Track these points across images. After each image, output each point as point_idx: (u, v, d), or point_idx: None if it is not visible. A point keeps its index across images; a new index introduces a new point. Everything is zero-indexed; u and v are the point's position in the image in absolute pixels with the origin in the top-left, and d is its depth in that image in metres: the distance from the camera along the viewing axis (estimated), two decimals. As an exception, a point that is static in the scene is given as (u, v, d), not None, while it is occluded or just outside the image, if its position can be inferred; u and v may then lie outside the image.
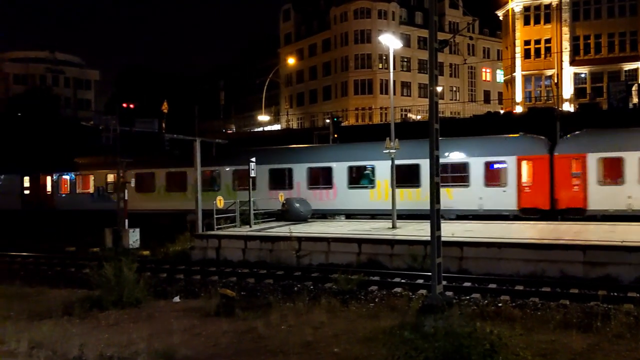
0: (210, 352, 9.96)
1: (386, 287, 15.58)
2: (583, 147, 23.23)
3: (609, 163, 22.67)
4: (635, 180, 21.94)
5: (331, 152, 29.40)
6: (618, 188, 22.25)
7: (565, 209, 23.28)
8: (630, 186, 21.98)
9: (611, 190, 22.26)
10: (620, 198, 21.99)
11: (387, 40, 23.44)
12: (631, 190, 21.91)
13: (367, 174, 27.05)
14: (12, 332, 11.03)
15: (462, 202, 23.37)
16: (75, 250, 25.43)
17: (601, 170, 22.70)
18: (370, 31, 71.37)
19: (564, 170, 23.31)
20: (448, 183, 24.57)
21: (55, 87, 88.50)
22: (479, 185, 24.26)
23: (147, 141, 27.49)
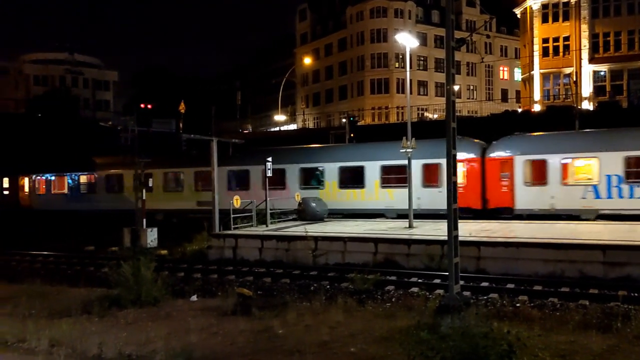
0: (227, 351, 10.01)
1: (403, 286, 15.53)
2: (511, 150, 24.32)
3: (533, 165, 23.77)
4: (557, 182, 23.10)
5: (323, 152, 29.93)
6: (542, 189, 23.35)
7: (495, 208, 24.30)
8: (553, 187, 23.15)
9: (536, 190, 23.38)
10: (544, 198, 23.05)
11: (404, 39, 23.35)
12: (554, 191, 23.04)
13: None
14: (33, 330, 11.19)
15: (403, 202, 23.90)
16: (94, 250, 25.70)
17: (527, 172, 23.76)
18: (387, 30, 71.14)
19: (494, 172, 24.42)
20: (390, 184, 26.03)
21: (75, 88, 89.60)
22: (417, 185, 24.98)
23: (165, 141, 27.73)
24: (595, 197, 22.46)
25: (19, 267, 21.82)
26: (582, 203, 22.63)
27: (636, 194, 21.83)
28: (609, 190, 22.20)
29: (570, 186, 23.04)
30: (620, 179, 22.12)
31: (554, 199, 22.98)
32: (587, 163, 23.22)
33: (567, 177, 23.26)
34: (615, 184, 22.20)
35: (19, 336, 10.86)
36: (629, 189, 21.98)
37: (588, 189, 22.68)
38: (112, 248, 24.38)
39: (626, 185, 22.01)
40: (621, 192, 21.81)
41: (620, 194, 21.72)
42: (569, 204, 22.78)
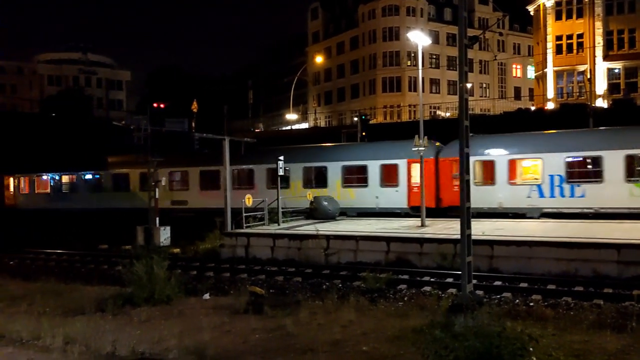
0: (239, 350, 10.03)
1: (415, 285, 15.49)
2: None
3: (483, 166, 24.82)
4: (504, 182, 24.18)
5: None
6: (491, 188, 24.30)
7: (447, 207, 25.16)
8: (501, 187, 24.26)
9: (485, 190, 24.24)
10: (492, 197, 23.91)
11: (416, 37, 23.26)
12: (501, 190, 24.12)
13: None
14: (48, 327, 11.28)
15: (362, 201, 25.37)
16: (107, 248, 25.89)
17: (476, 172, 24.58)
18: (399, 28, 70.90)
19: (446, 172, 25.45)
20: (352, 184, 27.42)
21: (88, 88, 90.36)
22: (376, 185, 26.70)
23: (177, 140, 27.91)
24: (540, 196, 23.35)
25: (34, 266, 22.05)
26: (528, 202, 23.53)
27: (576, 193, 22.79)
28: (552, 189, 23.14)
29: (517, 186, 24.04)
30: (562, 179, 23.08)
31: (501, 198, 23.99)
32: (532, 164, 24.18)
33: (513, 177, 24.26)
34: (558, 184, 23.11)
35: (33, 334, 10.96)
36: (570, 188, 22.96)
37: (533, 188, 23.63)
38: (126, 246, 24.54)
39: (567, 185, 22.99)
40: (563, 191, 22.79)
41: (562, 193, 22.65)
42: (515, 203, 23.64)
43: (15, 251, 24.79)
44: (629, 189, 21.84)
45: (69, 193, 37.86)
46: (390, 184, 26.62)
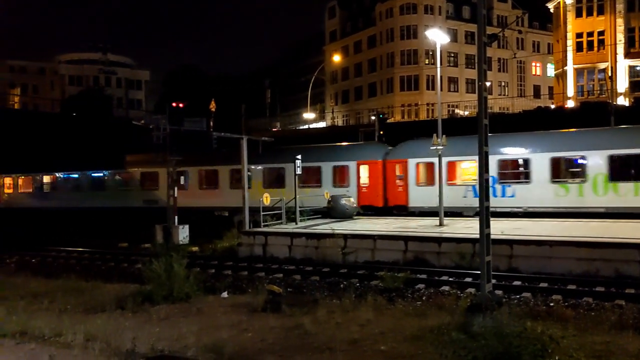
0: (257, 348, 10.06)
1: (433, 285, 15.42)
2: (405, 153, 26.98)
3: (423, 167, 26.43)
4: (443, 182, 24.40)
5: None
6: (431, 188, 25.09)
7: (393, 206, 26.86)
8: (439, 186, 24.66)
9: (426, 190, 25.78)
10: (433, 197, 24.09)
11: (434, 35, 23.13)
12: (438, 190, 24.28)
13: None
14: (69, 324, 11.43)
15: (316, 201, 26.20)
16: (127, 246, 26.16)
17: (418, 174, 26.52)
18: (417, 27, 70.59)
19: (392, 174, 27.17)
20: (307, 184, 28.43)
21: (108, 88, 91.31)
22: (328, 186, 28.29)
23: (196, 139, 28.07)
24: (474, 196, 24.03)
25: (55, 264, 22.35)
26: (464, 201, 24.74)
27: (507, 193, 24.17)
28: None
29: (455, 186, 25.21)
30: (494, 180, 23.91)
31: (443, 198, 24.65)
32: (470, 165, 25.14)
33: (452, 178, 25.60)
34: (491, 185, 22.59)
35: (55, 330, 11.10)
36: (502, 188, 24.26)
37: (468, 188, 24.78)
38: (145, 245, 24.76)
39: (499, 185, 24.21)
40: (495, 191, 23.58)
41: (494, 193, 23.19)
42: (453, 202, 24.50)
43: (37, 249, 25.16)
44: (554, 189, 23.07)
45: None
46: (341, 184, 28.13)
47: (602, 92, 46.87)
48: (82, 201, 36.41)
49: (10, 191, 41.25)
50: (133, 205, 33.18)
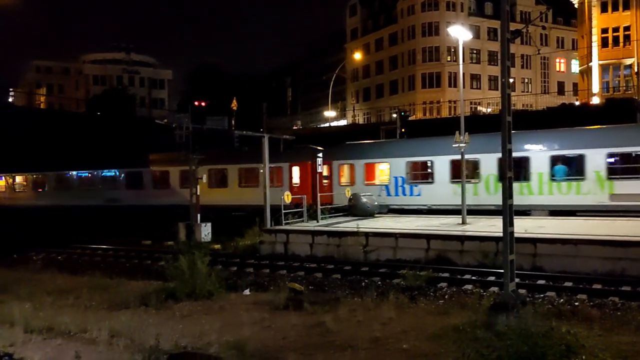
0: (279, 345, 10.10)
1: (456, 284, 15.32)
2: (330, 156, 29.12)
3: (349, 169, 29.09)
4: (362, 182, 28.13)
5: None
6: (352, 188, 27.86)
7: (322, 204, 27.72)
8: (359, 186, 27.92)
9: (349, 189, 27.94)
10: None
11: (456, 32, 22.95)
12: (359, 189, 27.40)
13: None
14: (94, 320, 11.61)
15: (255, 199, 27.63)
16: (151, 244, 26.44)
17: (344, 174, 29.14)
18: (438, 23, 70.12)
19: (320, 175, 28.48)
20: (248, 184, 30.98)
21: (131, 87, 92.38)
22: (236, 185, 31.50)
23: (217, 138, 28.26)
24: (387, 194, 27.19)
25: (80, 261, 22.69)
26: (379, 200, 26.62)
27: (414, 192, 26.63)
28: (396, 189, 26.91)
29: (372, 186, 27.66)
30: (403, 180, 26.83)
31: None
32: (384, 167, 27.96)
33: (370, 178, 28.17)
34: (401, 184, 26.83)
35: (80, 326, 11.28)
36: (410, 188, 26.75)
37: (382, 188, 27.47)
38: (168, 242, 25.00)
39: (407, 185, 26.70)
40: (404, 190, 26.38)
41: (403, 192, 26.14)
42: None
43: (63, 246, 25.57)
44: (453, 189, 24.88)
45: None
46: (277, 184, 29.62)
47: (628, 88, 46.01)
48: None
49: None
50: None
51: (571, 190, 22.75)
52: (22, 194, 41.93)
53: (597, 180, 22.17)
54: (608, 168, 22.03)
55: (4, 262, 22.05)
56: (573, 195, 22.70)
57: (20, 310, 12.66)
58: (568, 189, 22.87)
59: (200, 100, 28.64)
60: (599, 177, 22.11)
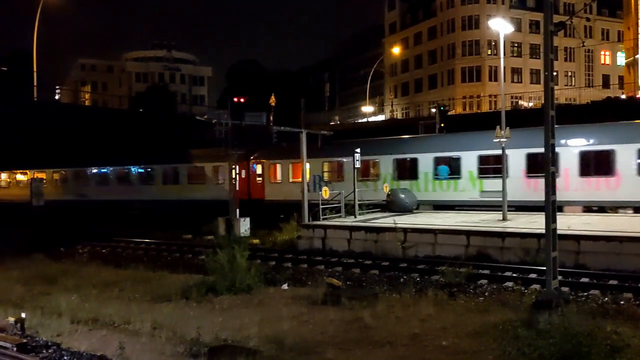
0: (318, 340, 10.16)
1: (496, 281, 15.09)
2: (263, 156, 32.38)
3: (274, 168, 32.36)
4: (287, 180, 31.41)
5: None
6: (280, 185, 31.43)
7: (255, 199, 31.73)
8: (285, 184, 31.21)
9: (276, 185, 32.03)
10: (281, 191, 30.98)
11: (497, 25, 22.55)
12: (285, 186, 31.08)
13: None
14: (137, 312, 11.91)
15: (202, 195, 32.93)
16: (191, 238, 26.89)
17: (271, 173, 32.48)
18: (479, 17, 69.05)
19: (254, 172, 32.77)
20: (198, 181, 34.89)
21: (172, 84, 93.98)
22: (211, 183, 34.39)
23: (255, 133, 28.44)
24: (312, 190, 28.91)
25: (124, 254, 23.24)
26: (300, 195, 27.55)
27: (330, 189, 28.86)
28: (314, 186, 28.86)
29: (294, 183, 29.99)
30: (320, 178, 29.88)
31: (286, 192, 30.55)
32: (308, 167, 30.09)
33: (292, 176, 31.03)
34: (318, 182, 29.56)
35: (124, 318, 11.59)
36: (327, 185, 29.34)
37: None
38: (208, 237, 25.37)
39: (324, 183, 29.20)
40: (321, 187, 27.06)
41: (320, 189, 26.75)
42: (293, 196, 27.89)
43: (107, 240, 26.24)
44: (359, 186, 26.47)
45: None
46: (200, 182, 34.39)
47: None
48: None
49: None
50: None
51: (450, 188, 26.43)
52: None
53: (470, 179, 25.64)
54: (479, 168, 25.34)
55: (52, 255, 22.76)
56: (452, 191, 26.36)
57: (67, 302, 13.10)
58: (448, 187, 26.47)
59: (239, 97, 28.90)
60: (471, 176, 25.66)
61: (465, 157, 25.74)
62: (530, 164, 23.91)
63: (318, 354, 9.35)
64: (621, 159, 22.36)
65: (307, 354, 9.35)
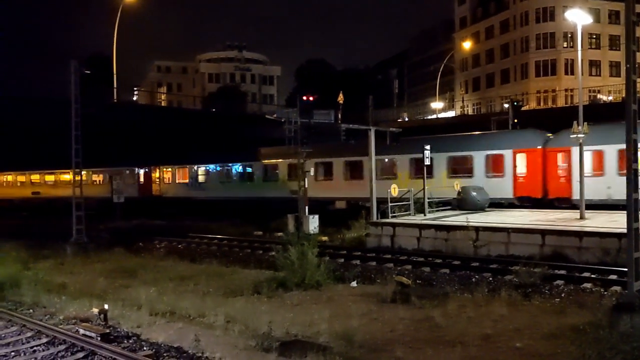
0: (387, 338, 10.14)
1: (573, 282, 14.53)
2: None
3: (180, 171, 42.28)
4: (179, 181, 41.46)
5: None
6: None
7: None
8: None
9: (180, 185, 41.04)
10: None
11: (574, 16, 21.69)
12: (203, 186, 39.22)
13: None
14: (211, 306, 12.28)
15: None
16: (262, 235, 27.43)
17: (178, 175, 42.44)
18: (554, 8, 66.39)
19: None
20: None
21: (243, 84, 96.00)
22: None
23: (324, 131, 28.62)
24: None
25: (198, 249, 24.00)
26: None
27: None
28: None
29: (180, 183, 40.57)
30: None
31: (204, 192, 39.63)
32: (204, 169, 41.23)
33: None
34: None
35: (199, 311, 11.99)
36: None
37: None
38: (278, 234, 25.78)
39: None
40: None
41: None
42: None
43: (183, 236, 27.19)
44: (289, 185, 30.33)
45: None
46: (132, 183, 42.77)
47: None
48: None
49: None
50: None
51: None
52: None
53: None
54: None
55: (132, 249, 23.83)
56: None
57: (146, 295, 13.68)
58: None
59: (308, 95, 29.10)
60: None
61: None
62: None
63: (387, 352, 9.34)
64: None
65: (376, 352, 9.36)
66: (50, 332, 10.49)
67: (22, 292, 14.20)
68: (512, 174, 27.00)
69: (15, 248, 21.37)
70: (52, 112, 29.26)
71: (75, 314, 11.94)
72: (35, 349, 9.88)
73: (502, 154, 27.35)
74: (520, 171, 26.93)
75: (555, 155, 26.05)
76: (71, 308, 12.50)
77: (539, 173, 26.36)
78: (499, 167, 27.55)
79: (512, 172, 26.99)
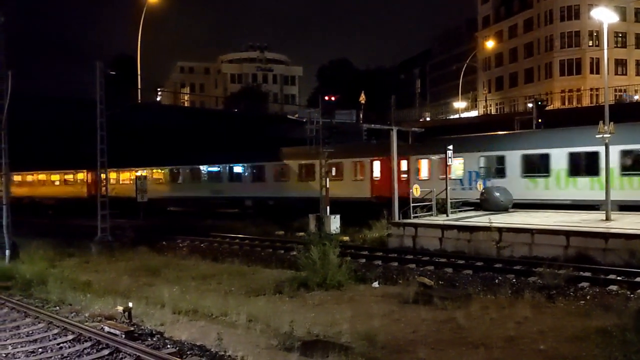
0: (409, 339, 10.12)
1: (599, 284, 14.31)
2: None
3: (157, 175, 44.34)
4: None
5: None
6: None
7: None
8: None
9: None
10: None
11: (600, 14, 21.33)
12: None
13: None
14: (233, 305, 12.37)
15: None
16: (283, 234, 27.51)
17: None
18: (579, 6, 65.47)
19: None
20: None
21: (265, 84, 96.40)
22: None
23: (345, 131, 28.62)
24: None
25: (220, 248, 24.17)
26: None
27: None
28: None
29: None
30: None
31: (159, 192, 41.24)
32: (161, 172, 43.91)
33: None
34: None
35: (221, 310, 12.08)
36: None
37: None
38: (299, 233, 25.83)
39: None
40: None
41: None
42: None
43: (205, 235, 27.43)
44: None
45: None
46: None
47: None
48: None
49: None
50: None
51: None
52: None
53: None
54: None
55: (156, 248, 24.10)
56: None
57: (169, 293, 13.83)
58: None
59: (330, 95, 29.13)
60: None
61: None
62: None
63: (410, 353, 9.31)
64: None
65: (398, 352, 9.34)
66: (76, 329, 10.67)
67: (49, 290, 14.46)
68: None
69: (42, 246, 21.76)
70: (78, 112, 29.69)
71: (100, 312, 12.12)
72: (61, 345, 10.06)
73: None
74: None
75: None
76: (96, 306, 12.69)
77: None
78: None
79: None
